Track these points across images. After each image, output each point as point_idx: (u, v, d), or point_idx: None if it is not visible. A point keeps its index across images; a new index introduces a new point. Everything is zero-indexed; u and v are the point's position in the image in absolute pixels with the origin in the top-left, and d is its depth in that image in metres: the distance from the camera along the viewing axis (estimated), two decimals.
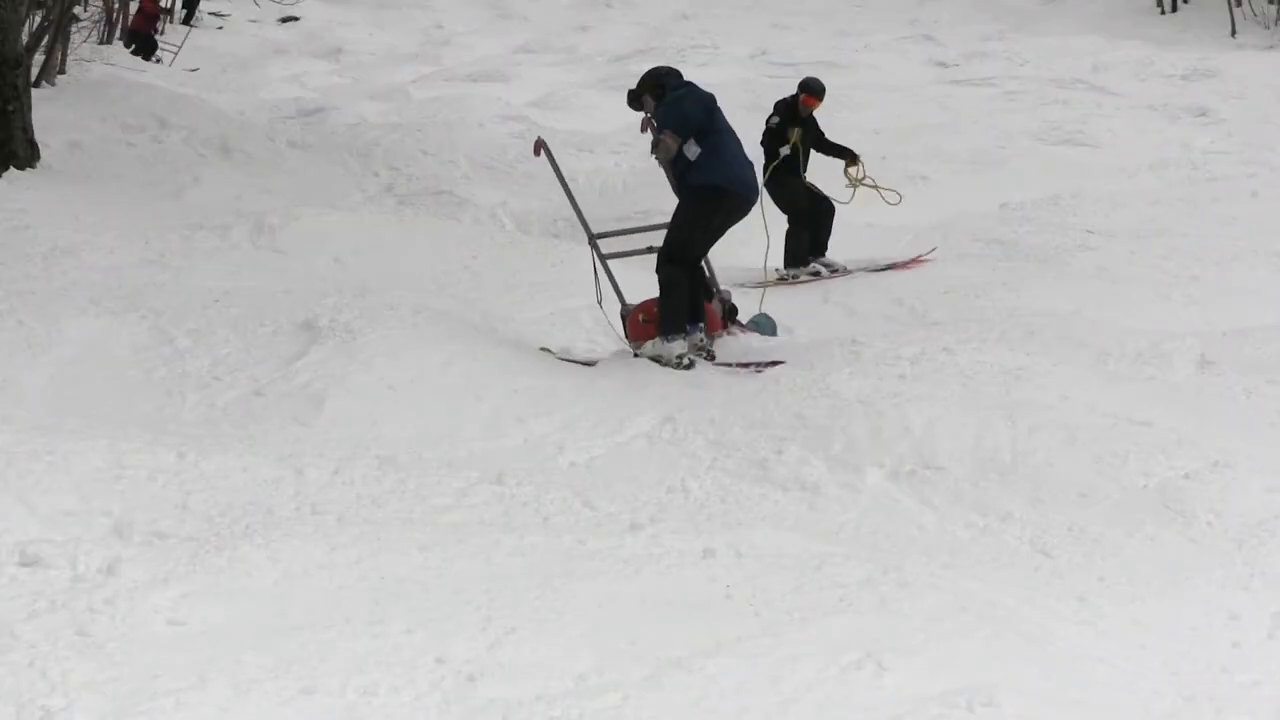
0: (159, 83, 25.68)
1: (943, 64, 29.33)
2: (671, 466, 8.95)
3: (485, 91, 27.23)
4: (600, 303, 11.35)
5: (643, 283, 11.56)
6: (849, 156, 16.53)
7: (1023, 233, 15.79)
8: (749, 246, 13.56)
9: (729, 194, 10.95)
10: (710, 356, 10.97)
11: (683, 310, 10.91)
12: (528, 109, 25.30)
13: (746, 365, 10.67)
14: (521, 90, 27.74)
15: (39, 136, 17.96)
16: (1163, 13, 34.90)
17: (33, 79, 19.38)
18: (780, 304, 12.96)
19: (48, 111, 19.31)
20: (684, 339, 10.85)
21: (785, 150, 16.12)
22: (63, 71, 23.66)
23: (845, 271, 15.41)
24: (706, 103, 11.09)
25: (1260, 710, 6.00)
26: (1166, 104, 23.83)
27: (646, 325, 11.10)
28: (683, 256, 10.98)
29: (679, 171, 11.04)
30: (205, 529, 7.35)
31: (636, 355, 10.94)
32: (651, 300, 11.16)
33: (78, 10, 26.69)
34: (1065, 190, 18.86)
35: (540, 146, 11.42)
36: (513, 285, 13.13)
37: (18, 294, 11.80)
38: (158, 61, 32.34)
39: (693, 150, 10.81)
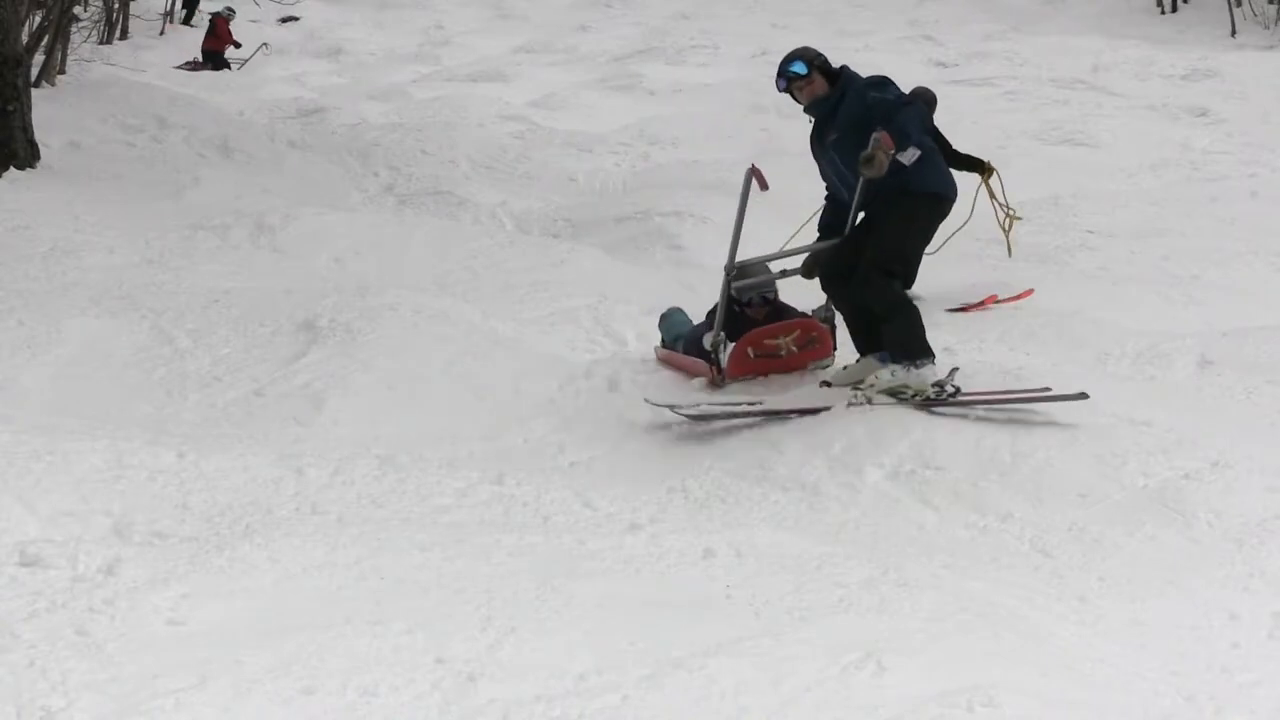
0: (159, 83, 25.69)
1: (942, 64, 29.33)
2: (672, 467, 8.95)
3: (485, 91, 27.23)
4: (719, 344, 10.16)
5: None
6: (982, 168, 14.36)
7: (1023, 233, 15.77)
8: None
9: (946, 201, 9.83)
10: (955, 392, 9.41)
11: (922, 329, 9.59)
12: (528, 109, 25.30)
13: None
14: (521, 90, 27.75)
15: (39, 136, 17.97)
16: (1163, 13, 34.89)
17: (33, 79, 19.38)
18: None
19: (48, 111, 19.31)
20: (933, 363, 9.50)
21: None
22: (63, 71, 23.65)
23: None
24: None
25: (1260, 710, 6.00)
26: (1166, 104, 23.83)
27: (758, 361, 10.16)
28: (905, 270, 10.25)
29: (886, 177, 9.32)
30: (205, 529, 7.35)
31: (857, 395, 9.46)
32: (760, 332, 10.18)
33: (78, 10, 26.66)
34: (1065, 190, 18.85)
35: (756, 176, 10.12)
36: (513, 285, 13.13)
37: (18, 294, 11.82)
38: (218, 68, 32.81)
39: (909, 155, 9.44)
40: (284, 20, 38.89)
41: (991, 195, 13.99)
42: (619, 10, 39.61)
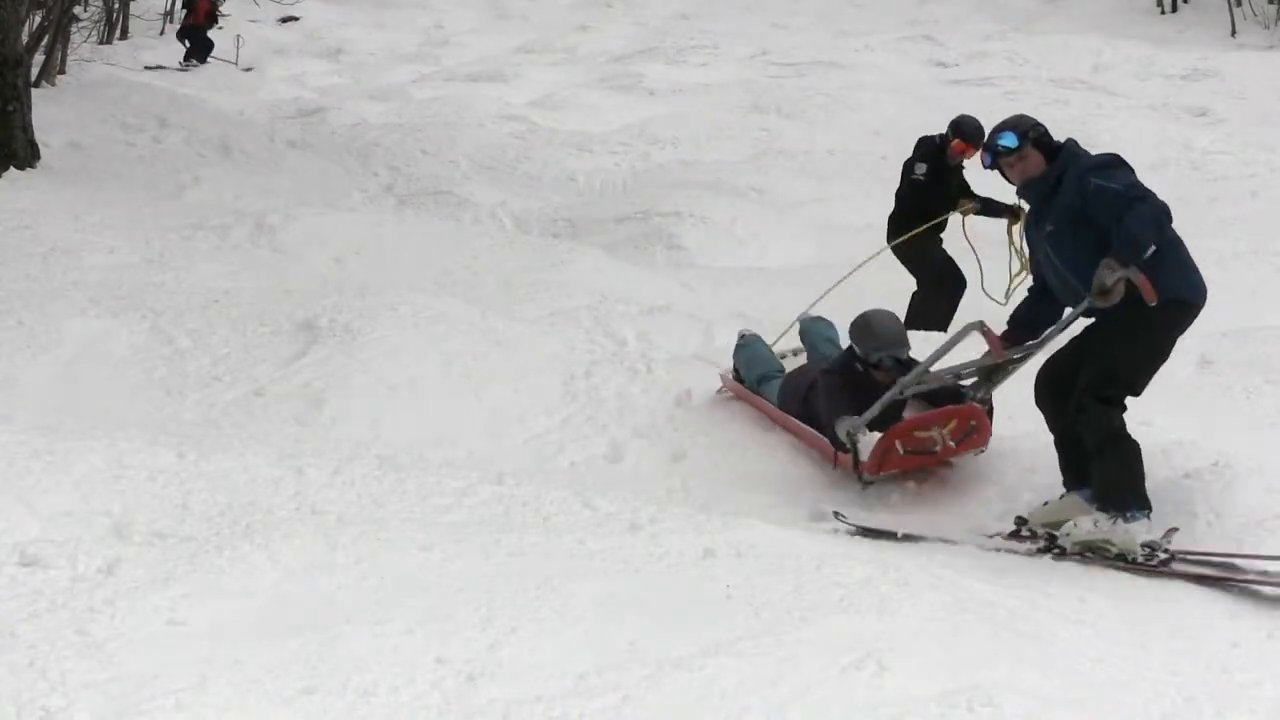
0: (159, 82, 25.69)
1: (943, 64, 29.35)
2: (672, 467, 8.96)
3: (485, 91, 27.24)
4: (856, 434, 8.81)
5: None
6: (1012, 214, 13.12)
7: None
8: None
9: (1193, 308, 8.05)
10: (1169, 558, 7.78)
11: (1140, 473, 7.93)
12: (528, 109, 25.31)
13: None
14: (521, 90, 27.75)
15: (39, 136, 17.99)
16: (1163, 12, 34.88)
17: (33, 79, 19.40)
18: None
19: (48, 111, 19.32)
20: (1148, 517, 7.88)
21: (957, 214, 13.17)
22: (63, 71, 23.69)
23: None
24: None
25: (1260, 710, 6.00)
26: (1167, 104, 23.85)
27: (907, 457, 8.81)
28: (1127, 393, 8.04)
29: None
30: (205, 529, 7.34)
31: (1054, 545, 8.04)
32: (911, 423, 8.85)
33: (78, 10, 26.68)
34: None
35: (988, 338, 8.52)
36: (512, 285, 13.13)
37: (18, 294, 11.82)
38: (195, 65, 32.39)
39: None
40: (284, 20, 38.86)
41: (1013, 242, 12.93)
42: (619, 10, 39.60)
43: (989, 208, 13.12)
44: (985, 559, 7.89)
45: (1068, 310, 8.15)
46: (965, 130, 12.91)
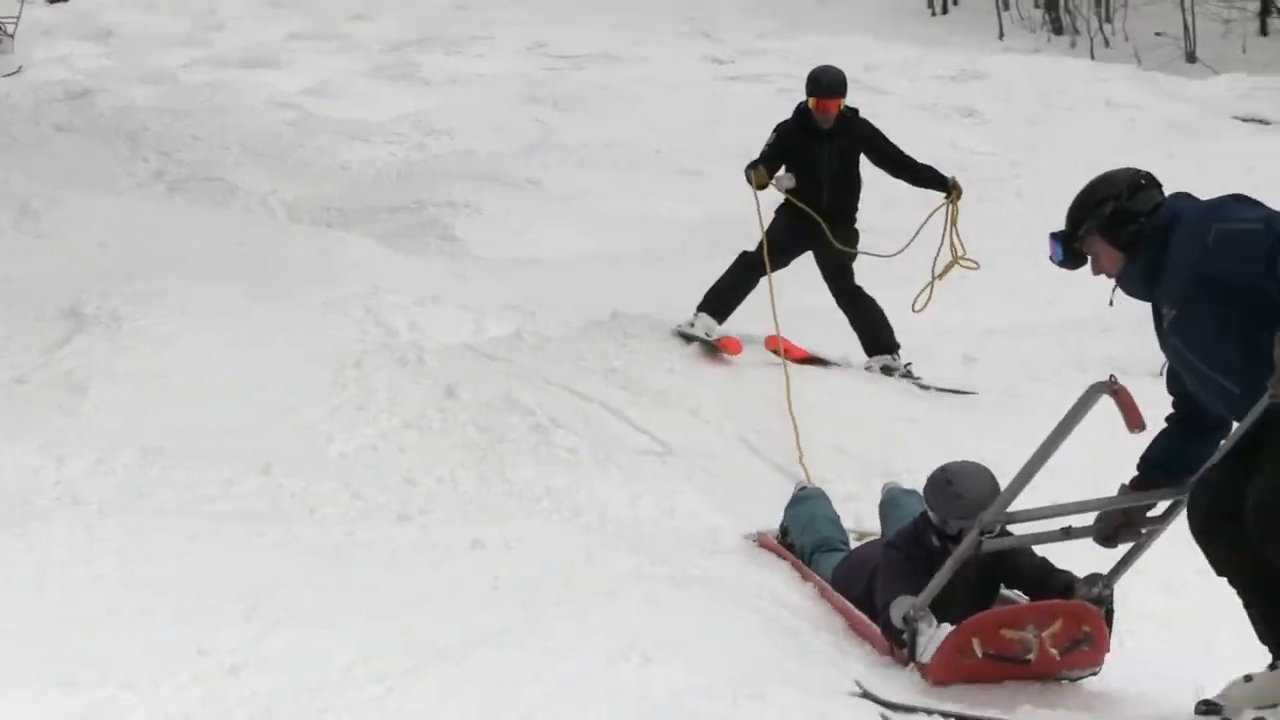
0: None
1: (719, 60, 29.51)
2: (442, 458, 8.93)
3: (258, 78, 26.86)
4: (918, 620, 6.46)
5: None
6: (948, 188, 11.21)
7: None
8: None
9: None
10: None
11: None
12: (301, 96, 25.01)
13: None
14: (295, 77, 27.39)
15: None
16: (933, 14, 35.48)
17: None
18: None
19: None
20: None
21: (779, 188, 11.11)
22: None
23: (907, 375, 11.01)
24: None
25: None
26: (936, 104, 24.21)
27: (986, 663, 6.30)
28: None
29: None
30: None
31: None
32: (995, 617, 6.40)
33: None
34: None
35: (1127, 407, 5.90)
36: (283, 274, 12.98)
37: None
38: None
39: None
40: (52, 1, 38.07)
41: (954, 225, 11.04)
42: None
43: (918, 177, 11.31)
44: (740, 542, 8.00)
45: (1234, 424, 5.83)
46: (813, 84, 11.10)
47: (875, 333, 11.05)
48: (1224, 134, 21.19)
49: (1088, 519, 6.26)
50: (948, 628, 6.30)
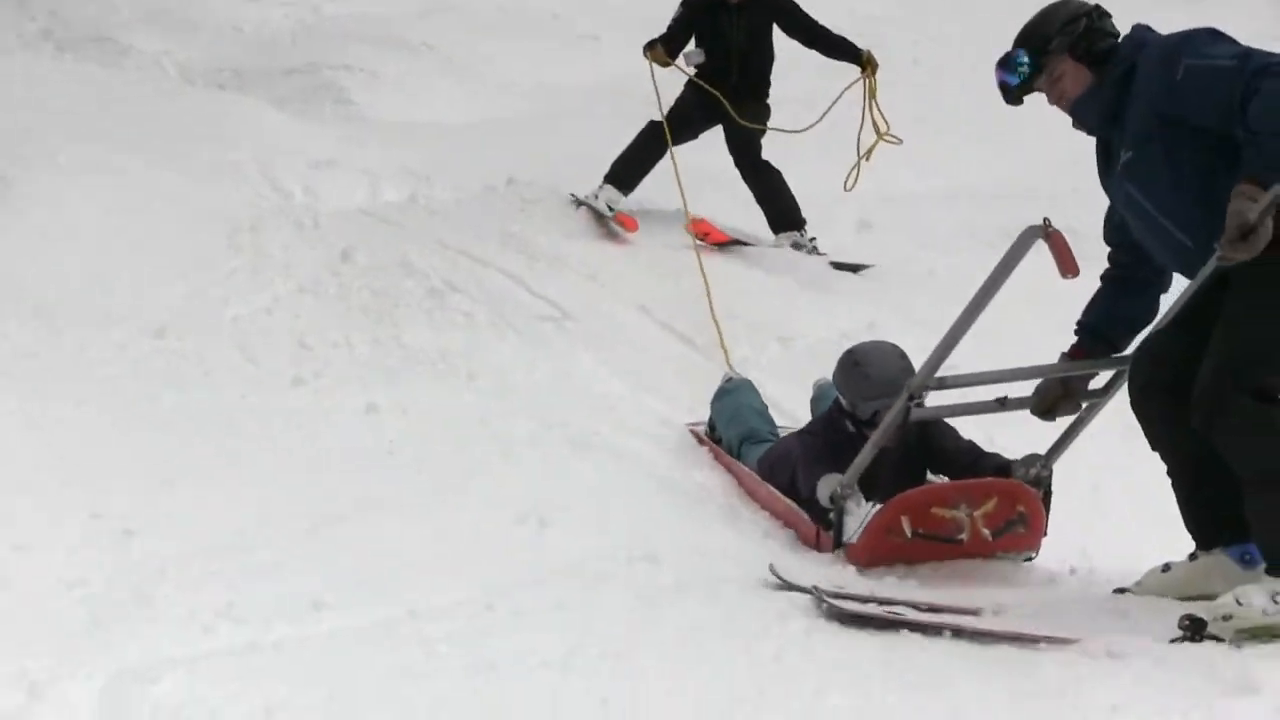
0: None
1: None
2: (337, 321, 8.89)
3: None
4: (844, 498, 6.16)
5: None
6: (862, 61, 10.85)
7: None
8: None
9: None
10: None
11: None
12: None
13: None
14: None
15: None
16: None
17: None
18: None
19: None
20: None
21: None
22: None
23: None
24: None
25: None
26: None
27: (915, 543, 6.02)
28: None
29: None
30: None
31: (1198, 630, 4.91)
32: (927, 494, 6.19)
33: None
34: None
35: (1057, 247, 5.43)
36: (176, 136, 12.80)
37: None
38: None
39: None
40: None
41: (873, 99, 10.64)
42: None
43: (832, 49, 10.95)
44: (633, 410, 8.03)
45: (1185, 283, 5.38)
46: None
47: (781, 208, 10.94)
48: None
49: (1025, 390, 5.90)
50: (876, 506, 6.05)
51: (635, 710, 4.21)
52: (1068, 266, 5.38)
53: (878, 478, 6.18)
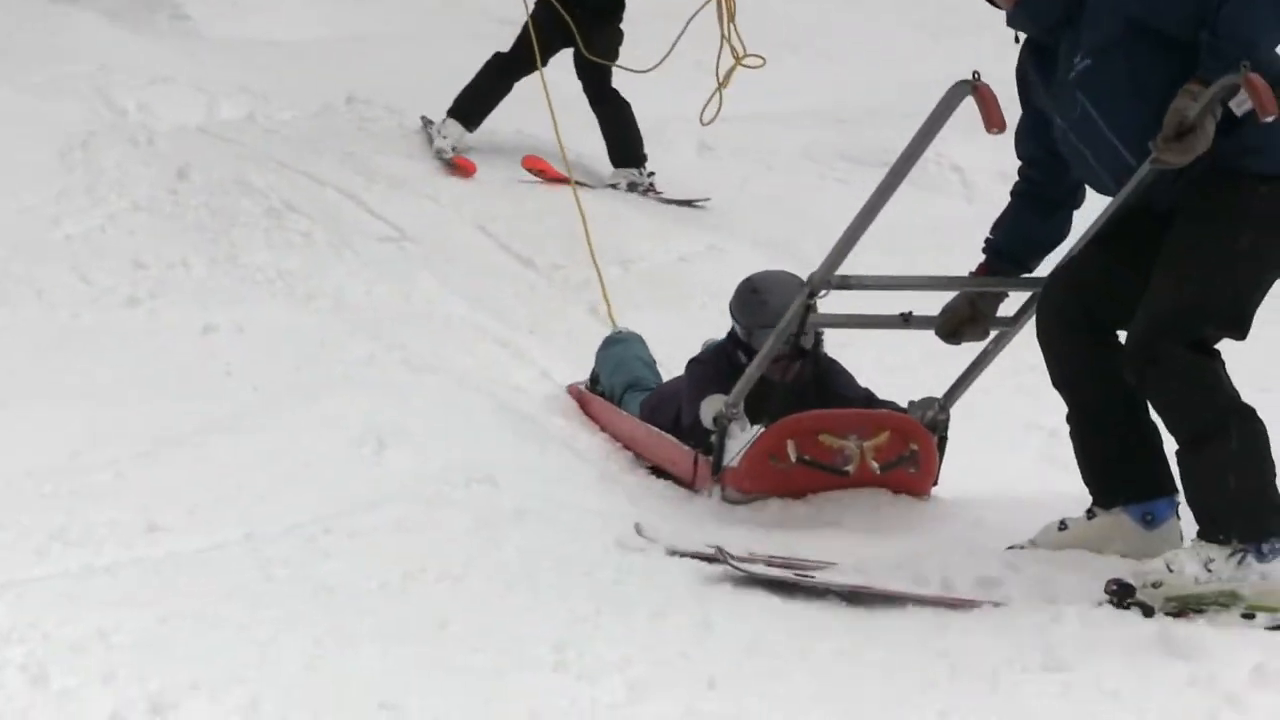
0: None
1: None
2: (173, 240, 8.78)
3: None
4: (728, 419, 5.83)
5: None
6: None
7: None
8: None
9: None
10: None
11: (1273, 476, 4.61)
12: None
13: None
14: None
15: None
16: None
17: None
18: None
19: None
20: None
21: None
22: None
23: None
24: None
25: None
26: None
27: (799, 470, 5.71)
28: (1231, 332, 4.75)
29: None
30: None
31: (1126, 597, 4.55)
32: (813, 419, 5.77)
33: None
34: None
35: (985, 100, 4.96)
36: (6, 50, 12.53)
37: None
38: None
39: (1244, 103, 4.50)
40: None
41: (731, 21, 9.83)
42: None
43: None
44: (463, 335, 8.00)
45: (1107, 200, 5.03)
46: None
47: (625, 142, 10.72)
48: None
49: (932, 308, 5.56)
50: (760, 429, 5.72)
51: (474, 633, 4.20)
52: (994, 120, 4.89)
53: (765, 411, 5.82)
